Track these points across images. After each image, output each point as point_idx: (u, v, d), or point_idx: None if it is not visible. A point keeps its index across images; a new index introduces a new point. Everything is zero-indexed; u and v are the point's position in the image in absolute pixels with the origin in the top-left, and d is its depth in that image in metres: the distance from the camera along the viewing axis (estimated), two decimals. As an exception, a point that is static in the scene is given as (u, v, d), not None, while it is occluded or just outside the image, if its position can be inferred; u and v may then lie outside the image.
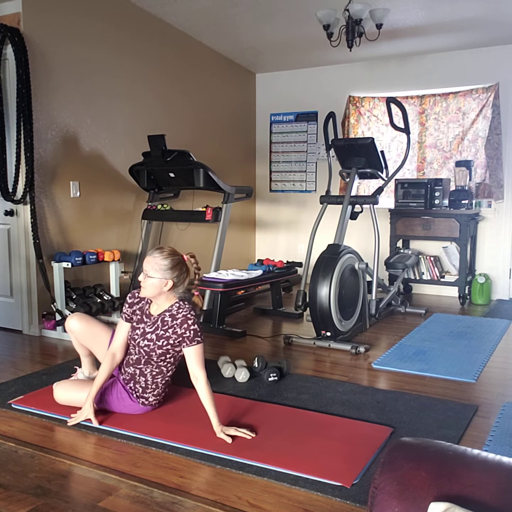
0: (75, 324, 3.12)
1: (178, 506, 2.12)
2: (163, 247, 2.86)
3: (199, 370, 2.77)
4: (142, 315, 2.92)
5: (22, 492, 2.20)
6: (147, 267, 2.79)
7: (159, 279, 2.77)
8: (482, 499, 1.13)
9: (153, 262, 2.79)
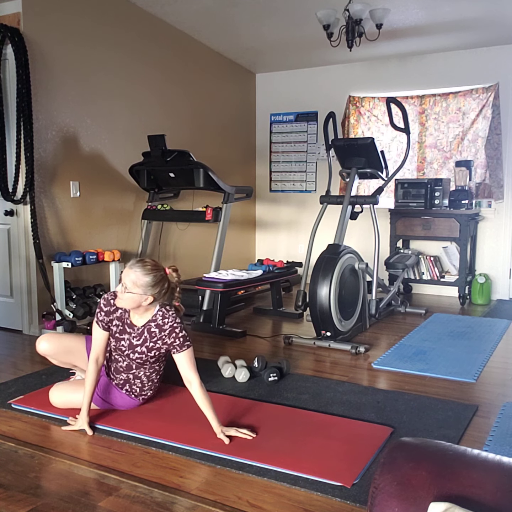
0: (45, 347, 3.00)
1: (178, 506, 2.12)
2: (145, 260, 2.74)
3: (192, 374, 2.71)
4: (124, 325, 2.82)
5: (22, 492, 2.20)
6: (127, 281, 2.66)
7: (139, 295, 2.68)
8: (482, 499, 1.13)
9: (134, 276, 2.66)
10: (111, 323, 2.83)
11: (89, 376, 2.78)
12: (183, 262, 6.09)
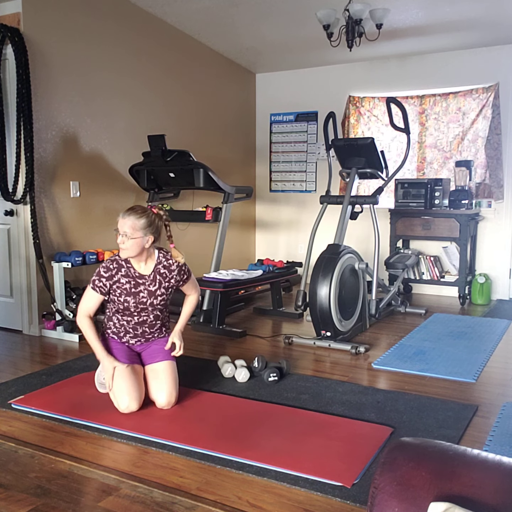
0: (137, 404, 2.96)
1: (178, 506, 2.12)
2: (132, 207, 3.00)
3: (195, 291, 3.28)
4: (134, 279, 3.03)
5: (22, 492, 2.20)
6: (126, 229, 2.91)
7: (141, 238, 2.94)
8: (482, 499, 1.13)
9: (130, 223, 2.92)
10: (115, 285, 3.01)
11: (90, 330, 2.97)
12: (183, 262, 6.08)
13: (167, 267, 3.11)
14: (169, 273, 3.11)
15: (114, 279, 3.01)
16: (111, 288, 3.02)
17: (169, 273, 3.11)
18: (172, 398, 3.01)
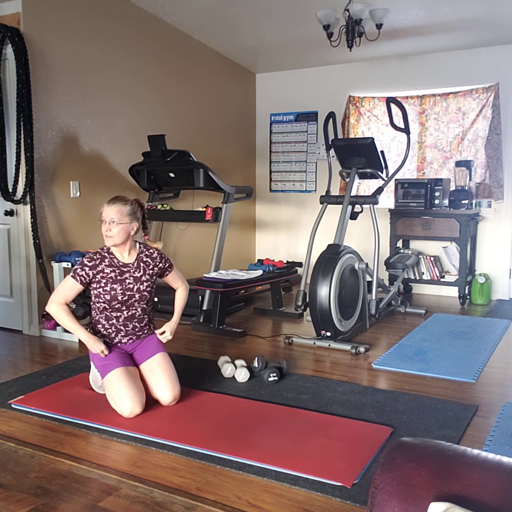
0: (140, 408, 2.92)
1: (178, 506, 2.12)
2: (116, 196, 3.08)
3: (181, 282, 3.34)
4: (118, 268, 3.07)
5: (22, 492, 2.20)
6: (113, 215, 2.98)
7: (128, 224, 3.02)
8: (482, 499, 1.13)
9: (117, 209, 2.99)
10: (99, 275, 3.02)
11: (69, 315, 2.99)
12: (183, 262, 6.09)
13: (149, 256, 3.17)
14: (152, 261, 3.17)
15: (97, 268, 3.02)
16: (94, 279, 3.02)
17: (152, 261, 3.17)
18: (176, 392, 3.02)
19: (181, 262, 6.06)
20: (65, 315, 2.98)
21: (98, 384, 3.19)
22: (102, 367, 2.99)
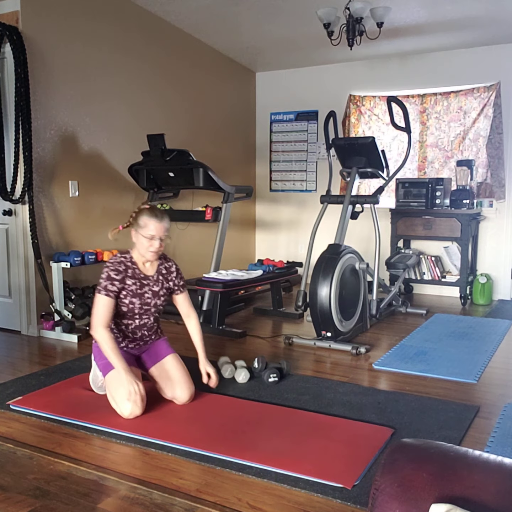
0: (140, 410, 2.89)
1: (177, 507, 2.10)
2: (157, 209, 3.02)
3: (192, 310, 3.23)
4: (140, 280, 3.03)
5: (20, 494, 2.19)
6: (165, 232, 2.97)
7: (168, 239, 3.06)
8: (483, 500, 1.12)
9: (167, 226, 2.99)
10: (123, 287, 2.97)
11: (114, 344, 2.87)
12: (183, 262, 6.06)
13: (168, 268, 3.15)
14: (169, 274, 3.14)
15: (124, 281, 2.98)
16: (120, 291, 2.98)
17: (169, 275, 3.14)
18: (192, 391, 3.06)
19: (181, 262, 6.02)
20: (111, 344, 2.86)
21: (98, 385, 3.18)
22: (104, 365, 2.98)
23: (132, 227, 3.02)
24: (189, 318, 3.21)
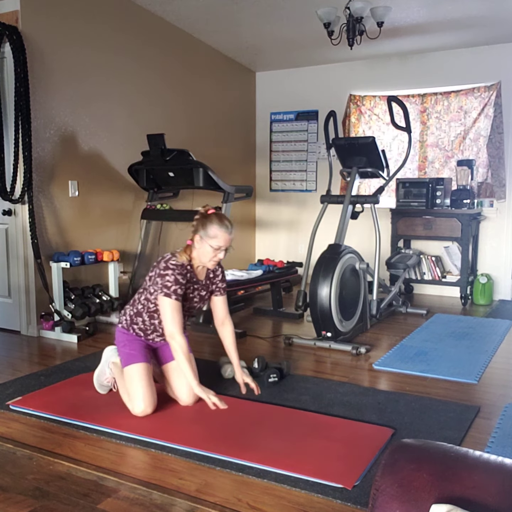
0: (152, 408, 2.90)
1: (177, 508, 2.10)
2: (226, 218, 2.92)
3: (229, 316, 3.18)
4: (192, 284, 2.99)
5: (20, 494, 2.18)
6: (230, 243, 2.93)
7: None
8: (484, 501, 1.12)
9: (233, 237, 2.95)
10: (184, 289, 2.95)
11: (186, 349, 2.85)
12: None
13: (214, 272, 3.12)
14: (214, 278, 3.11)
15: (186, 284, 2.94)
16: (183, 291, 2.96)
17: (214, 278, 3.11)
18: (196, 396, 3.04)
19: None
20: (187, 353, 2.86)
21: (103, 382, 3.17)
22: (127, 355, 2.95)
23: (197, 232, 2.90)
24: (224, 325, 3.16)
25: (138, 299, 3.03)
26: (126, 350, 2.98)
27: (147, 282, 2.99)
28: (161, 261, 2.91)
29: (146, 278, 3.02)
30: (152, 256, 5.64)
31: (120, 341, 3.04)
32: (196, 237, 2.90)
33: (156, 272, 2.90)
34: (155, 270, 2.91)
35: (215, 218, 2.88)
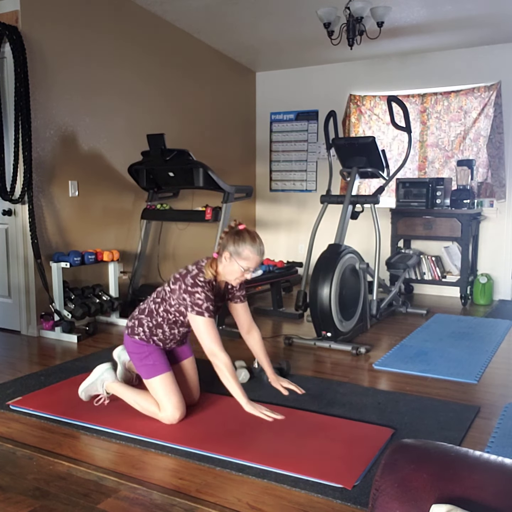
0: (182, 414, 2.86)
1: (177, 508, 2.10)
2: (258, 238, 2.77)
3: (254, 323, 3.12)
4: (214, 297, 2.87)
5: (20, 494, 2.18)
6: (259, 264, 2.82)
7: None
8: (484, 501, 1.12)
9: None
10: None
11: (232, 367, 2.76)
12: (183, 262, 6.06)
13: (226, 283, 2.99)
14: (232, 288, 2.99)
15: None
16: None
17: (232, 288, 2.99)
18: (197, 398, 3.09)
19: (181, 262, 6.04)
20: (232, 371, 2.75)
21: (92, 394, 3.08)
22: (151, 367, 2.86)
23: (226, 249, 2.74)
24: (251, 333, 3.05)
25: (155, 310, 2.89)
26: (149, 362, 2.88)
27: (166, 293, 2.84)
28: (187, 275, 2.75)
29: (165, 289, 2.86)
30: (152, 256, 5.64)
31: (140, 352, 2.91)
32: (226, 254, 2.73)
33: (181, 287, 2.75)
34: (180, 285, 2.76)
35: (248, 238, 2.72)
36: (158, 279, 5.70)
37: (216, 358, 2.72)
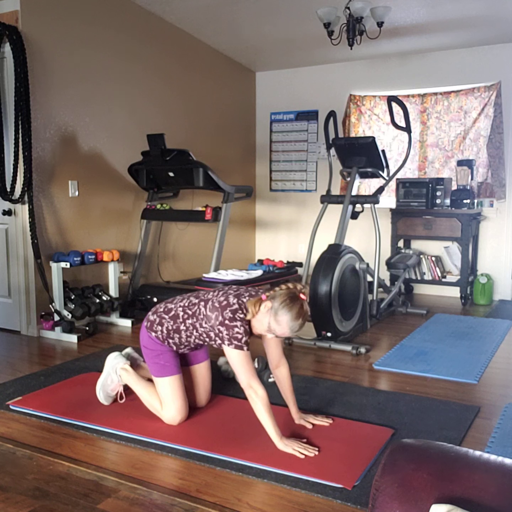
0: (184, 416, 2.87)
1: (177, 508, 2.10)
2: (305, 313, 2.63)
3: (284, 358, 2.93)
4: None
5: (20, 494, 2.18)
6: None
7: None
8: (484, 501, 1.12)
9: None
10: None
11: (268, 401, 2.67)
12: (183, 262, 6.08)
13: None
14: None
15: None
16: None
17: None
18: (208, 399, 3.09)
19: (181, 262, 6.05)
20: (269, 404, 2.65)
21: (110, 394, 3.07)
22: (161, 367, 2.86)
23: (274, 300, 2.61)
24: (279, 367, 2.90)
25: (182, 318, 2.83)
26: (160, 362, 2.87)
27: (201, 313, 2.77)
28: (226, 308, 2.67)
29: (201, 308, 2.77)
30: (152, 256, 5.64)
31: (153, 349, 2.90)
32: (267, 303, 2.62)
33: (217, 318, 2.67)
34: (217, 315, 2.68)
35: (296, 311, 2.57)
36: (158, 279, 5.70)
37: (253, 391, 2.65)
